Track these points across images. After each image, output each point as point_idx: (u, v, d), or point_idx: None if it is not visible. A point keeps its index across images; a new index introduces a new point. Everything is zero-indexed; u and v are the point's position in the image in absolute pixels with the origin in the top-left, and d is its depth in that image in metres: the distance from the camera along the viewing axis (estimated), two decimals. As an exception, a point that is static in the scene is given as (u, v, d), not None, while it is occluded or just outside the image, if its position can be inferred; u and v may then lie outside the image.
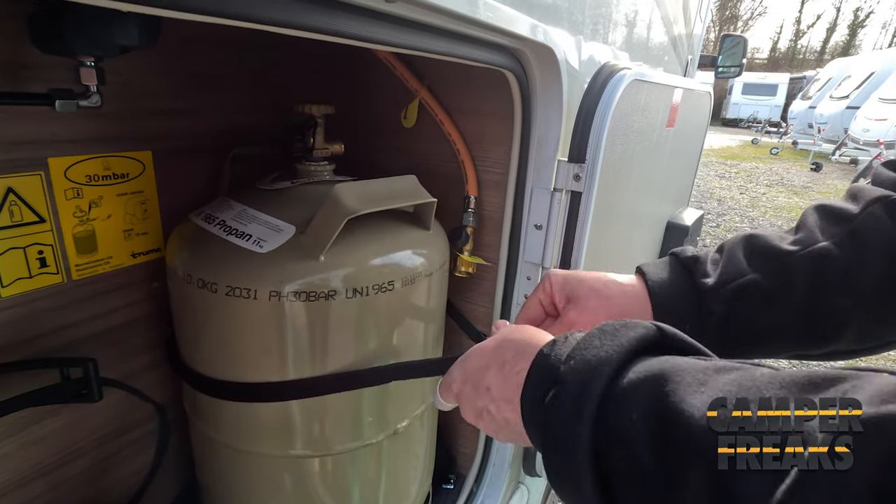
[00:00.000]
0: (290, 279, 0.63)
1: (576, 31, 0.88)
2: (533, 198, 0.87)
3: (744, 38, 2.72)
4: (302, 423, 0.72)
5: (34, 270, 0.74)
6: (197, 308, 0.69)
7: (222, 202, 0.76)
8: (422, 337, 0.80)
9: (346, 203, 0.63)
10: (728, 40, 2.75)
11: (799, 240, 0.53)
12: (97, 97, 0.68)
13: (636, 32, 1.17)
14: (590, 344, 0.37)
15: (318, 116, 0.78)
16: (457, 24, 0.55)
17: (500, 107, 0.89)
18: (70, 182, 0.75)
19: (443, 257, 0.79)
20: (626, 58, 1.10)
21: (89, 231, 0.79)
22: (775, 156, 11.01)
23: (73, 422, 0.83)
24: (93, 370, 0.73)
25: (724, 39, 2.75)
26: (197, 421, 0.79)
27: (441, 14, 0.49)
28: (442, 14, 0.49)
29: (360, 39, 0.44)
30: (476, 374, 0.45)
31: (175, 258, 0.71)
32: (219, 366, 0.72)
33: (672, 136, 1.16)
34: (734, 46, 2.74)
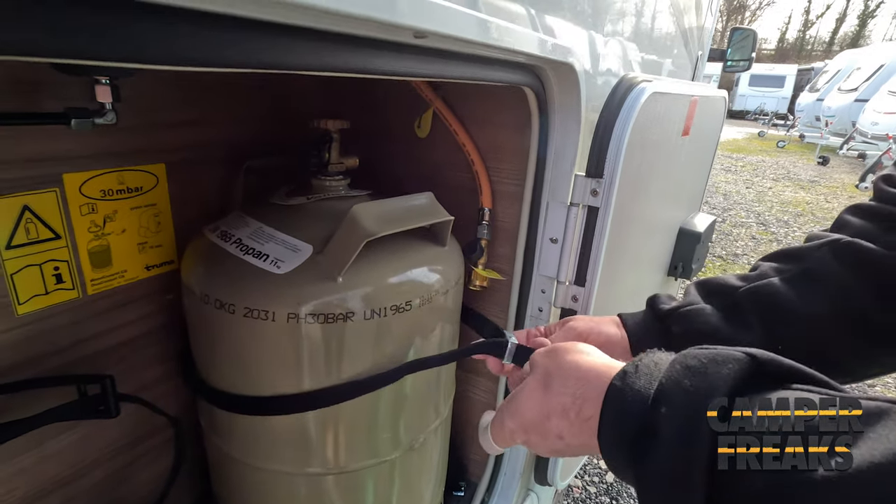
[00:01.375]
0: (308, 301, 0.63)
1: (594, 42, 0.86)
2: (549, 212, 0.86)
3: (753, 31, 2.68)
4: (318, 441, 0.72)
5: (50, 287, 0.74)
6: (213, 327, 0.69)
7: (237, 218, 0.75)
8: (436, 348, 0.80)
9: (364, 225, 0.62)
10: (737, 33, 2.71)
11: (748, 276, 0.60)
12: (112, 114, 0.67)
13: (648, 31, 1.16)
14: (678, 385, 0.34)
15: (334, 131, 0.77)
16: (482, 51, 0.54)
17: (514, 118, 0.88)
18: (85, 197, 0.75)
19: (458, 273, 0.79)
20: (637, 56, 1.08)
21: (104, 245, 0.79)
22: (782, 149, 10.92)
23: (89, 435, 0.83)
24: (110, 387, 0.73)
25: (733, 33, 2.71)
26: (212, 435, 0.80)
27: (469, 44, 0.48)
28: (470, 44, 0.48)
29: (389, 74, 0.43)
30: (538, 424, 0.42)
31: (191, 276, 0.71)
32: (234, 382, 0.72)
33: (687, 143, 1.15)
34: (743, 40, 2.70)
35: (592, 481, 2.01)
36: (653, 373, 0.36)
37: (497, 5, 0.57)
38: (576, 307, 0.89)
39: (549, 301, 0.91)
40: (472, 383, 1.09)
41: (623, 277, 1.04)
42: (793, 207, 6.24)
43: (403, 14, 0.35)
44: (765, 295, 0.55)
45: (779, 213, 5.99)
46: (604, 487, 1.98)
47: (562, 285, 0.89)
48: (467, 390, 1.09)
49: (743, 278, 0.59)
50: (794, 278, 0.55)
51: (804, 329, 0.53)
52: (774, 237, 5.08)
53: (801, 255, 0.57)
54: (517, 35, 0.54)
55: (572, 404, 0.39)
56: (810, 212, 6.05)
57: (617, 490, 1.96)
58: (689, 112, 1.08)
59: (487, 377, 1.06)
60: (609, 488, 1.97)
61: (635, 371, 0.37)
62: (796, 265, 0.56)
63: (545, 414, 0.41)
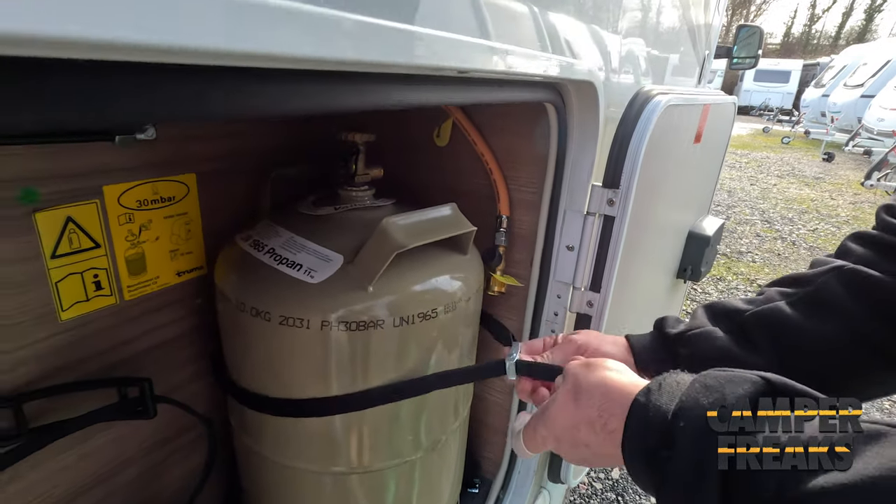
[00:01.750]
0: (341, 309, 0.66)
1: (609, 51, 0.89)
2: (566, 220, 0.89)
3: (760, 28, 2.68)
4: (343, 442, 0.76)
5: (90, 293, 0.77)
6: (248, 333, 0.72)
7: (268, 228, 0.78)
8: (458, 353, 0.83)
9: (394, 237, 0.65)
10: (744, 31, 2.71)
11: (754, 300, 0.62)
12: (152, 130, 0.70)
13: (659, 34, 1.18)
14: (696, 402, 0.36)
15: (360, 143, 0.80)
16: (513, 77, 0.57)
17: (532, 128, 0.91)
18: (123, 208, 0.78)
19: (479, 281, 0.82)
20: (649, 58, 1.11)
21: (139, 253, 0.82)
22: (787, 145, 10.89)
23: (124, 434, 0.87)
24: (148, 389, 0.77)
25: (739, 30, 2.71)
26: (242, 434, 0.83)
27: (504, 74, 0.51)
28: (505, 74, 0.51)
29: (426, 104, 0.46)
30: (567, 434, 0.45)
31: (225, 283, 0.74)
32: (266, 384, 0.75)
33: (698, 150, 1.17)
34: (750, 37, 2.70)
35: (598, 477, 2.05)
36: (674, 391, 0.38)
37: (522, 31, 0.60)
38: (591, 312, 0.92)
39: (564, 306, 0.94)
40: (487, 384, 1.12)
41: (634, 281, 1.07)
42: (797, 204, 6.24)
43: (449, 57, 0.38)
44: (771, 318, 0.57)
45: (783, 210, 6.00)
46: (609, 483, 2.01)
47: (577, 291, 0.92)
48: (482, 391, 1.13)
49: (749, 302, 0.61)
50: (799, 302, 0.57)
51: (810, 351, 0.55)
52: (779, 234, 5.10)
53: (806, 280, 0.59)
54: (545, 62, 0.56)
55: (598, 417, 0.42)
56: (815, 209, 6.05)
57: (623, 486, 2.00)
58: (702, 120, 1.10)
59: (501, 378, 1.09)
60: (615, 484, 2.01)
61: (658, 388, 0.39)
62: (801, 289, 0.58)
63: (574, 424, 0.45)
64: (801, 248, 4.73)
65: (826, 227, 5.39)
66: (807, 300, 0.57)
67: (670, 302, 1.58)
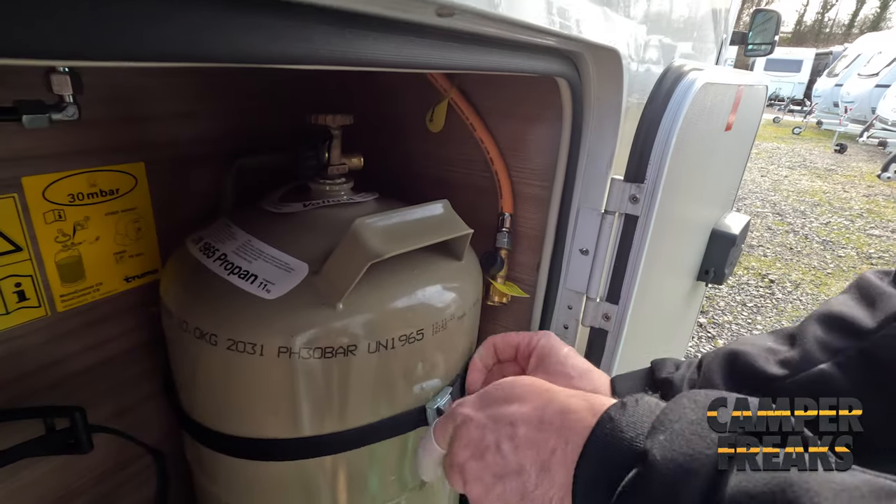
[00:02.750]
0: (303, 332, 0.53)
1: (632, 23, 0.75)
2: (579, 219, 0.76)
3: (777, 13, 2.54)
4: (316, 485, 0.63)
5: (11, 305, 0.64)
6: (194, 359, 0.60)
7: (223, 228, 0.65)
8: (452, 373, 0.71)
9: (368, 244, 0.52)
10: (760, 16, 2.57)
11: (790, 360, 0.44)
12: (73, 108, 0.56)
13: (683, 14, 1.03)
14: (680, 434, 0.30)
15: (335, 128, 0.67)
16: (516, 33, 0.44)
17: (540, 109, 0.77)
18: (50, 203, 0.65)
19: (476, 293, 0.69)
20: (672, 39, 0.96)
21: (75, 257, 0.70)
22: (798, 136, 10.64)
23: (68, 462, 0.75)
24: (80, 420, 0.65)
25: (755, 15, 2.57)
26: (198, 472, 0.71)
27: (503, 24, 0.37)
28: (505, 24, 0.37)
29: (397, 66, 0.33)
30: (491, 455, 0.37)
31: (169, 296, 0.62)
32: (220, 419, 0.62)
33: (728, 139, 1.03)
34: (766, 22, 2.56)
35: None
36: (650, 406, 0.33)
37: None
38: (607, 326, 0.79)
39: (576, 318, 0.81)
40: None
41: (651, 286, 0.94)
42: (809, 197, 6.06)
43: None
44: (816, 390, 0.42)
45: (795, 202, 5.83)
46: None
47: (591, 302, 0.79)
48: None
49: (783, 363, 0.45)
50: (851, 364, 0.42)
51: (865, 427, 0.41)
52: (791, 227, 4.94)
53: (858, 329, 0.42)
54: (562, 12, 0.43)
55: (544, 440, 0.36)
56: (827, 201, 5.88)
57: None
58: (735, 104, 0.96)
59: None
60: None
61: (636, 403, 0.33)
62: (853, 343, 0.42)
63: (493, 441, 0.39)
64: (813, 242, 4.57)
65: (839, 220, 5.22)
66: (862, 362, 0.41)
67: (687, 307, 1.45)
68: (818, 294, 3.52)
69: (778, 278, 3.76)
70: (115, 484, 0.84)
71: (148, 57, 0.23)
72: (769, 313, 3.21)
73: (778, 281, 3.71)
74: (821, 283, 3.69)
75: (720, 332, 2.95)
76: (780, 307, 3.31)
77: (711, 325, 3.05)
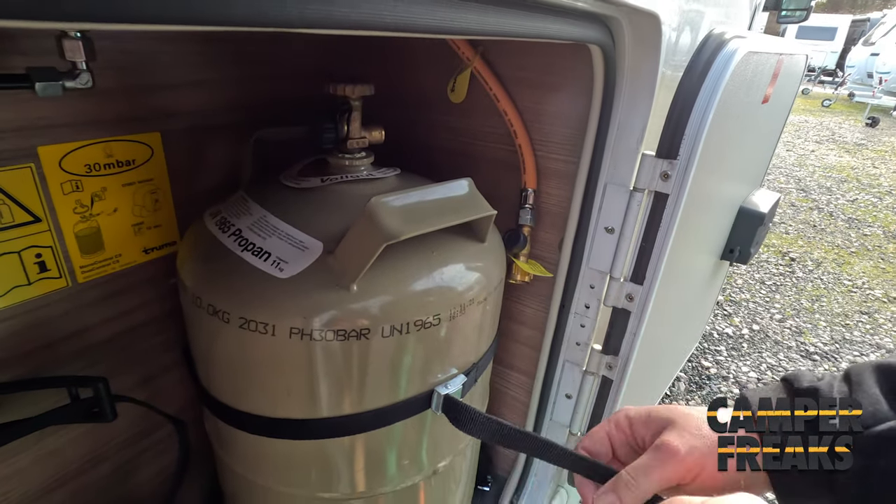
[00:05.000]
0: (316, 313, 0.52)
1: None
2: (606, 196, 0.73)
3: (814, -24, 2.39)
4: (329, 465, 0.64)
5: (33, 276, 0.65)
6: (208, 335, 0.59)
7: (240, 202, 0.64)
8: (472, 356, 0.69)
9: (383, 224, 0.50)
10: (795, -21, 2.43)
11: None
12: (87, 76, 0.55)
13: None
14: None
15: (355, 99, 0.64)
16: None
17: (568, 80, 0.73)
18: (67, 174, 0.64)
19: (500, 274, 0.67)
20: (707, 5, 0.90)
21: (93, 228, 0.69)
22: (827, 108, 10.22)
23: (92, 430, 0.77)
24: (103, 390, 0.65)
25: (790, -22, 2.42)
26: (216, 445, 0.72)
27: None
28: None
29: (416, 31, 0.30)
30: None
31: (185, 271, 0.61)
32: (235, 395, 0.62)
33: (764, 112, 0.98)
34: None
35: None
36: None
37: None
38: (630, 307, 0.77)
39: (598, 298, 0.79)
40: (505, 377, 1.00)
41: (675, 265, 0.91)
42: (836, 173, 5.86)
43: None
44: None
45: (821, 178, 5.64)
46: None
47: (615, 281, 0.77)
48: (499, 384, 1.00)
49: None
50: None
51: None
52: (815, 204, 4.80)
53: None
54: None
55: None
56: (855, 178, 5.68)
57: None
58: (774, 74, 0.90)
59: (522, 372, 0.96)
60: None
61: None
62: None
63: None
64: (838, 220, 4.44)
65: (867, 197, 5.06)
66: None
67: (709, 287, 1.42)
68: (840, 273, 3.44)
69: (799, 256, 3.67)
70: (138, 451, 0.86)
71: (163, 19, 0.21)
72: (788, 292, 3.16)
73: (799, 259, 3.63)
74: (843, 263, 3.60)
75: (736, 310, 2.91)
76: (800, 286, 3.24)
77: (728, 302, 3.00)
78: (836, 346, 2.62)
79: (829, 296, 3.14)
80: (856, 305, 3.04)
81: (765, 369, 2.40)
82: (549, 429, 0.95)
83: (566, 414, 0.91)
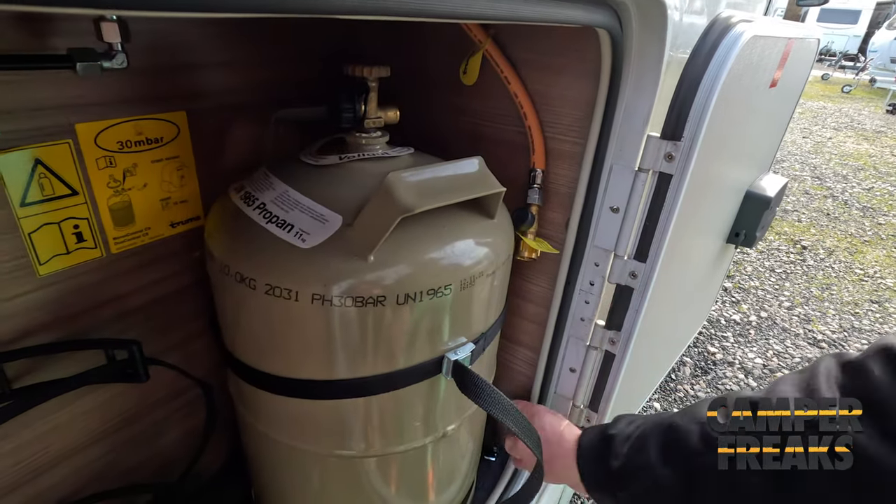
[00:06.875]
0: (335, 281, 0.56)
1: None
2: (612, 176, 0.76)
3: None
4: (345, 424, 0.68)
5: (71, 246, 0.69)
6: (235, 301, 0.64)
7: (263, 178, 0.68)
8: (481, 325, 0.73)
9: (401, 197, 0.54)
10: (817, -39, 2.37)
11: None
12: (122, 56, 0.58)
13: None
14: None
15: (372, 80, 0.67)
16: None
17: (575, 62, 0.75)
18: (101, 150, 0.69)
19: (508, 250, 0.70)
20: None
21: (125, 202, 0.74)
22: (847, 94, 10.00)
23: (125, 390, 0.82)
24: (137, 352, 0.70)
25: (812, -40, 2.37)
26: (240, 405, 0.77)
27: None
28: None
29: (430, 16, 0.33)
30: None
31: (213, 241, 0.65)
32: (258, 357, 0.67)
33: (772, 96, 0.99)
34: (823, -32, 2.38)
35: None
36: None
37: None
38: (633, 284, 0.80)
39: (602, 275, 0.82)
40: (512, 352, 1.04)
41: (680, 246, 0.94)
42: (853, 160, 5.76)
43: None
44: None
45: (837, 166, 5.55)
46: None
47: (619, 259, 0.80)
48: (506, 359, 1.04)
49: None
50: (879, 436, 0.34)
51: None
52: (830, 192, 4.74)
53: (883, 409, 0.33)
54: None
55: None
56: (873, 165, 5.59)
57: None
58: (783, 59, 0.92)
59: (528, 347, 1.00)
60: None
61: None
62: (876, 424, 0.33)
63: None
64: (853, 209, 4.39)
65: (883, 185, 4.98)
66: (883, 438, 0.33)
67: (715, 270, 1.44)
68: (852, 262, 3.42)
69: (811, 244, 3.65)
70: (169, 412, 0.92)
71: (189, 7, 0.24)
72: (798, 280, 3.15)
73: (810, 247, 3.61)
74: (856, 251, 3.58)
75: (745, 297, 2.92)
76: (811, 274, 3.24)
77: (737, 289, 3.01)
78: (844, 334, 2.63)
79: (839, 284, 3.13)
80: (866, 294, 3.03)
81: (771, 356, 2.42)
82: (554, 401, 0.99)
83: (570, 387, 0.95)
